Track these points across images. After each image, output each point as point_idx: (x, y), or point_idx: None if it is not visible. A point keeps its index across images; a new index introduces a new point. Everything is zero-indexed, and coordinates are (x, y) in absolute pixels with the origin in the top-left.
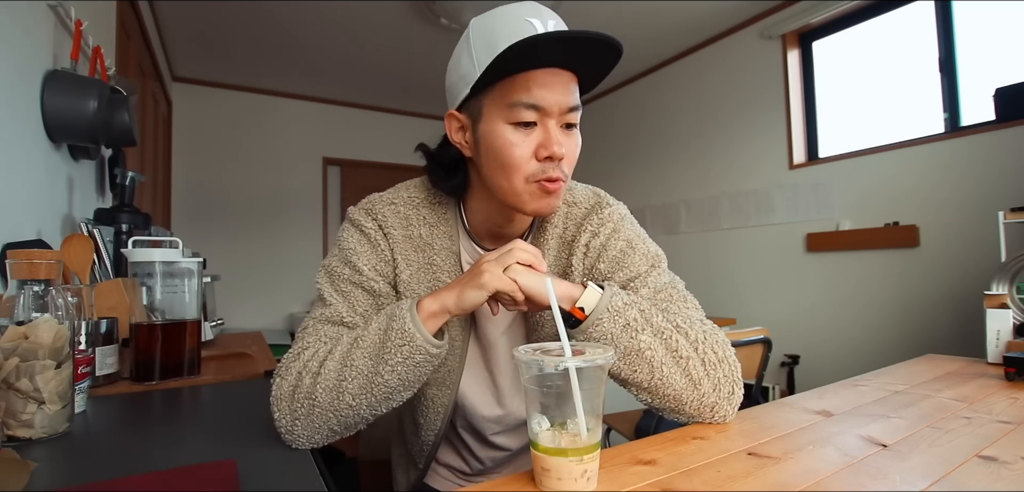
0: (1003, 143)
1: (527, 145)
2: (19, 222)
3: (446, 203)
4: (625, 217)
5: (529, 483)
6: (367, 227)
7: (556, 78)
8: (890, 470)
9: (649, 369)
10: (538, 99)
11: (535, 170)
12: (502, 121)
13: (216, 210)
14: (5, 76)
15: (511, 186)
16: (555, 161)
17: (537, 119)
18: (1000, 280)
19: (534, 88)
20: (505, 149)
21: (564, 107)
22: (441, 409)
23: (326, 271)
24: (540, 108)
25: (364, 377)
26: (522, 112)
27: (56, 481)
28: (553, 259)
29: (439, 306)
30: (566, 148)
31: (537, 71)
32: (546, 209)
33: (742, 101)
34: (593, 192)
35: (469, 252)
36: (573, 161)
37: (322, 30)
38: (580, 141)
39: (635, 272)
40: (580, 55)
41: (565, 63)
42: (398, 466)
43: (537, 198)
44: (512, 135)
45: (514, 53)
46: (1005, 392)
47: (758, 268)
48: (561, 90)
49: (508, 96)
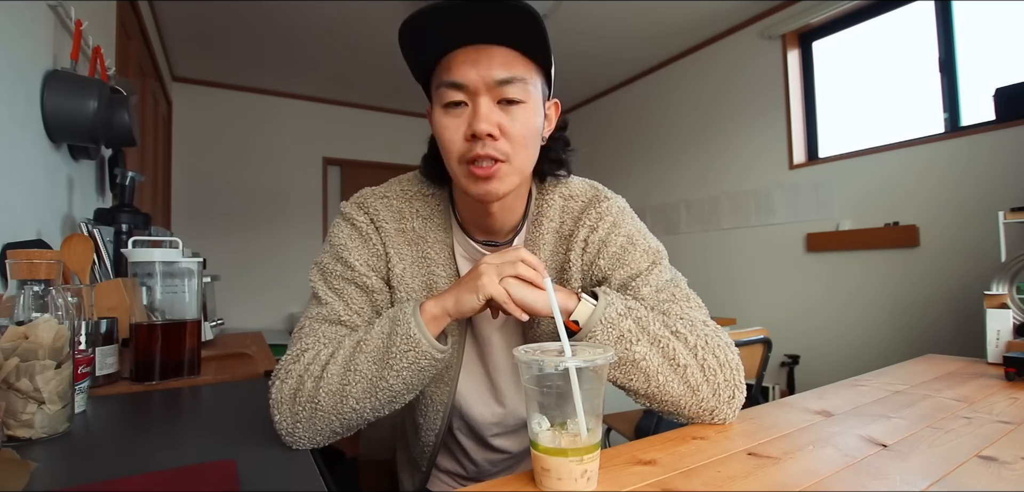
0: (1003, 143)
1: (457, 126)
2: (19, 222)
3: (439, 195)
4: (624, 211)
5: (529, 483)
6: (359, 221)
7: (480, 54)
8: (890, 470)
9: (645, 378)
10: (459, 76)
11: (464, 150)
12: (437, 104)
13: (216, 210)
14: (5, 76)
15: (451, 170)
16: (480, 139)
17: (467, 98)
18: (1000, 280)
19: (455, 66)
20: (439, 132)
21: (490, 80)
22: (440, 407)
23: (319, 268)
24: (462, 85)
25: (368, 381)
26: (447, 92)
27: (56, 481)
28: (549, 254)
29: (440, 309)
30: (504, 127)
31: (460, 50)
32: (482, 193)
33: (742, 101)
34: (590, 185)
35: (462, 245)
36: (517, 139)
37: (322, 30)
38: (532, 120)
39: (635, 269)
40: (499, 26)
41: (486, 36)
42: (403, 469)
43: (472, 182)
44: (444, 118)
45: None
46: (1005, 392)
47: (758, 268)
48: (486, 64)
49: (437, 79)
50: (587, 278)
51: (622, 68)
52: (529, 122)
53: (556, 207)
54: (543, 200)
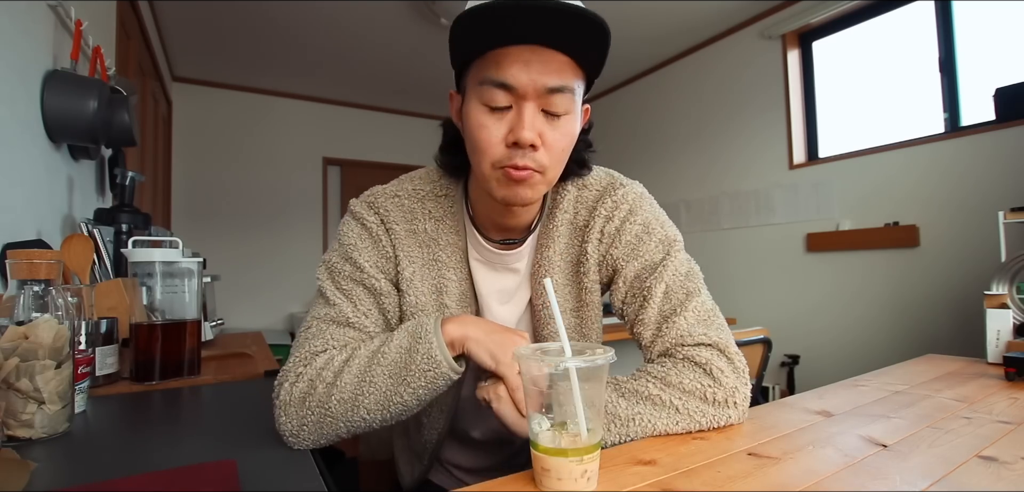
0: (1003, 143)
1: (498, 129)
2: (19, 222)
3: (452, 195)
4: (643, 197)
5: (529, 483)
6: (369, 221)
7: (535, 56)
8: (890, 470)
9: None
10: (509, 77)
11: (502, 155)
12: (477, 100)
13: (216, 210)
14: (5, 76)
15: (480, 170)
16: (522, 148)
17: (512, 101)
18: (1000, 280)
19: (506, 65)
20: (475, 131)
21: (541, 87)
22: (445, 409)
23: (327, 267)
24: (511, 88)
25: (383, 394)
26: (493, 91)
27: (56, 481)
28: (564, 246)
29: (460, 336)
30: (546, 137)
31: (513, 47)
32: (513, 199)
33: (742, 101)
34: (606, 173)
35: (475, 246)
36: (555, 151)
37: (322, 30)
38: (572, 132)
39: (649, 261)
40: (562, 32)
41: (546, 39)
42: (402, 458)
43: (503, 186)
44: (483, 117)
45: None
46: (1005, 392)
47: (758, 268)
48: (539, 69)
49: (481, 73)
50: (603, 269)
51: (622, 68)
52: (569, 133)
53: (570, 198)
54: (557, 193)
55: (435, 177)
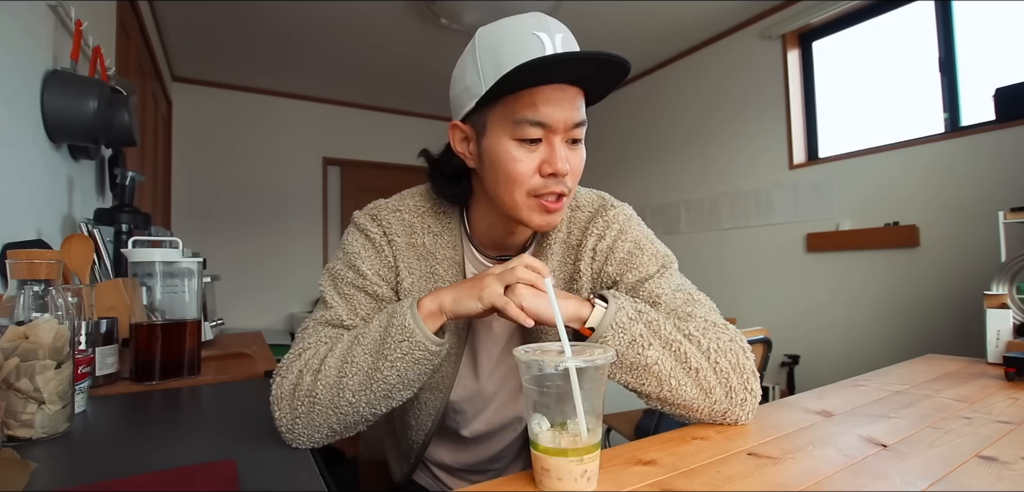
0: (1003, 143)
1: (531, 161)
2: (19, 222)
3: (450, 212)
4: (631, 218)
5: (529, 483)
6: (372, 232)
7: (562, 94)
8: (890, 470)
9: (657, 382)
10: (544, 117)
11: (537, 185)
12: (507, 136)
13: (216, 210)
14: (5, 76)
15: (512, 200)
16: (559, 178)
17: (542, 135)
18: (1000, 280)
19: (541, 105)
20: (509, 164)
21: (570, 123)
22: (433, 411)
23: (330, 274)
24: (546, 125)
25: (364, 373)
26: (528, 129)
27: (56, 481)
28: (558, 264)
29: (436, 305)
30: (571, 163)
31: (543, 88)
32: (547, 225)
33: (742, 101)
34: (598, 195)
35: (472, 262)
36: (577, 175)
37: (322, 30)
38: (585, 155)
39: (644, 273)
40: (587, 72)
41: (572, 79)
42: (391, 455)
43: (538, 213)
44: (516, 151)
45: (521, 72)
46: (1005, 392)
47: (758, 268)
48: (567, 107)
49: (514, 113)
50: (597, 285)
51: None
52: (584, 157)
53: (564, 217)
54: None
55: (434, 196)
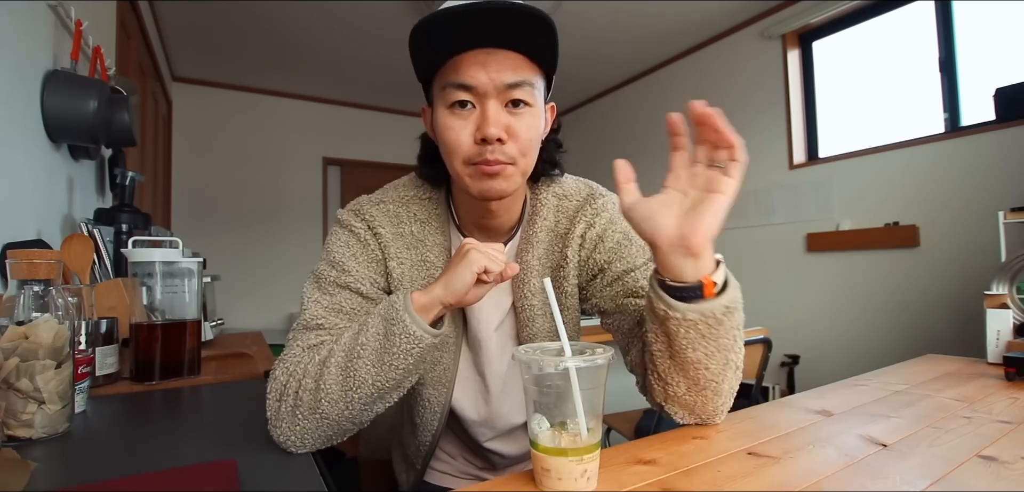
0: (1003, 143)
1: (465, 128)
2: (19, 222)
3: (436, 198)
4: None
5: (529, 483)
6: (356, 227)
7: (491, 57)
8: (890, 470)
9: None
10: (467, 78)
11: (472, 153)
12: (443, 106)
13: (216, 210)
14: (5, 76)
15: (455, 171)
16: (489, 143)
17: (474, 100)
18: (1000, 280)
19: (463, 67)
20: (444, 132)
21: (500, 84)
22: (438, 408)
23: (313, 276)
24: (472, 88)
25: (372, 387)
26: (455, 93)
27: (56, 481)
28: (544, 252)
29: (429, 299)
30: (514, 128)
31: (470, 52)
32: (488, 192)
33: (742, 101)
34: (585, 184)
35: None
36: (524, 141)
37: (322, 30)
38: (537, 123)
39: (631, 264)
40: (511, 30)
41: (498, 40)
42: (398, 465)
43: (477, 180)
44: (450, 119)
45: (433, 37)
46: (1005, 392)
47: (758, 268)
48: (495, 67)
49: (443, 80)
50: (584, 272)
51: (622, 68)
52: (534, 125)
53: (550, 206)
54: (537, 199)
55: (419, 182)
